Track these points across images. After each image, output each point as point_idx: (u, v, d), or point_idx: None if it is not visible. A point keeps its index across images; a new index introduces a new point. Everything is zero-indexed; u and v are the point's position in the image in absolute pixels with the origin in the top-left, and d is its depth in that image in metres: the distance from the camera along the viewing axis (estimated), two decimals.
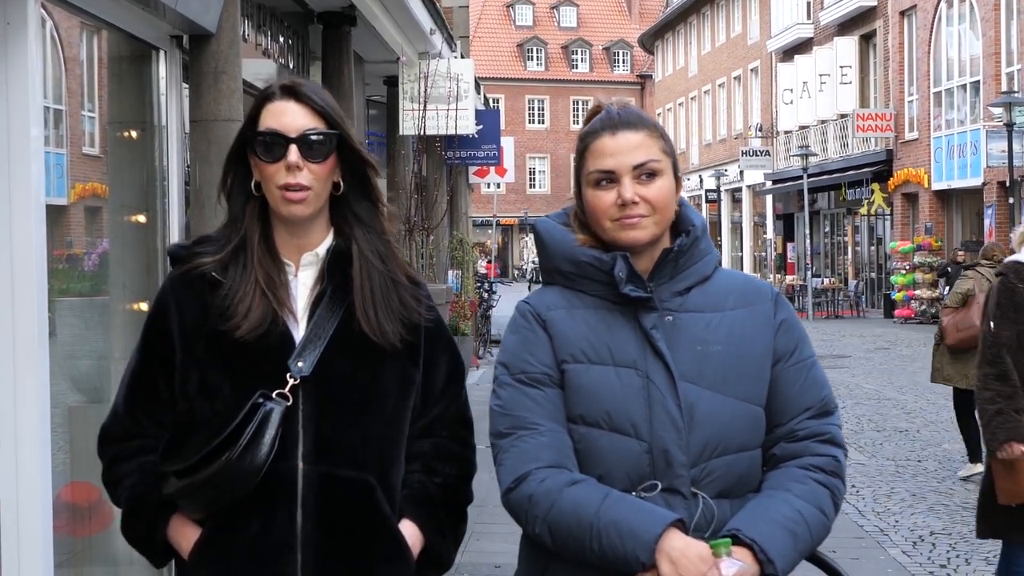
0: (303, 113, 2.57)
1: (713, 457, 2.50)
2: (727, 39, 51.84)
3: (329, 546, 2.55)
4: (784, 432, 2.58)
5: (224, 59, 5.66)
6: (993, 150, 27.47)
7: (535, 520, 2.46)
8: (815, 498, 2.51)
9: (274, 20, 8.46)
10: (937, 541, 8.45)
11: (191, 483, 2.49)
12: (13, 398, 4.04)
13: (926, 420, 14.31)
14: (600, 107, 2.65)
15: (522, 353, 2.57)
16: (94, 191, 5.81)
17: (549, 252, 2.64)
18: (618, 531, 2.36)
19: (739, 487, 2.53)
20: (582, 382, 2.52)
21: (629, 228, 2.53)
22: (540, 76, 76.96)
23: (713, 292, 2.61)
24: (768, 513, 2.46)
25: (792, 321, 2.66)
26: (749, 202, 49.94)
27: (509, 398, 2.55)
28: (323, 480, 2.54)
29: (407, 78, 13.43)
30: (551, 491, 2.44)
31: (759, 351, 2.58)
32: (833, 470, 2.56)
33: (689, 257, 2.60)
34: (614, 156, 2.54)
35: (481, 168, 23.13)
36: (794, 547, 2.44)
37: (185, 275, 2.62)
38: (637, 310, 2.55)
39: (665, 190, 2.56)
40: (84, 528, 5.28)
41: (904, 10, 34.60)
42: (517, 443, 2.50)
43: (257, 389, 2.51)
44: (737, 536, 2.39)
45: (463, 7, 22.14)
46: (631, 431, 2.48)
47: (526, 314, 2.62)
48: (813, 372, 2.63)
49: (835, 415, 2.64)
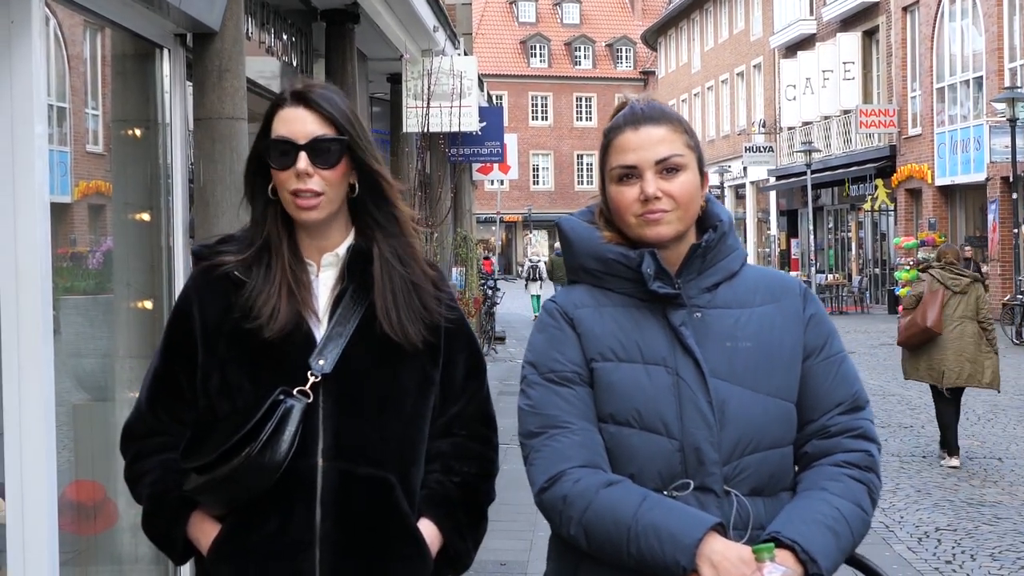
0: (313, 119, 2.57)
1: (745, 454, 2.47)
2: (730, 35, 51.83)
3: (347, 543, 2.55)
4: (816, 428, 2.55)
5: (228, 57, 5.66)
6: (996, 145, 27.50)
7: (570, 521, 2.42)
8: (852, 495, 2.48)
9: (277, 18, 8.45)
10: (942, 537, 8.45)
11: (211, 479, 2.49)
12: (18, 396, 4.04)
13: (930, 416, 14.25)
14: (625, 103, 2.62)
15: (551, 352, 2.54)
16: (98, 189, 5.81)
17: (575, 250, 2.61)
18: (657, 535, 2.33)
19: (771, 484, 2.51)
20: (612, 380, 2.49)
21: (653, 224, 2.50)
22: (543, 73, 76.93)
23: (741, 288, 2.59)
24: (806, 513, 2.43)
25: (821, 316, 2.64)
26: (753, 198, 49.94)
27: (539, 397, 2.52)
28: (342, 477, 2.55)
29: (410, 75, 13.41)
30: (586, 492, 2.40)
31: (789, 347, 2.56)
32: (868, 465, 2.53)
33: (716, 253, 2.57)
34: (636, 151, 2.52)
35: (485, 165, 23.12)
36: (836, 545, 2.40)
37: (208, 274, 2.64)
38: (665, 307, 2.52)
39: (689, 185, 2.53)
40: (89, 527, 5.27)
41: (907, 6, 34.58)
42: (549, 442, 2.47)
43: (278, 386, 2.52)
44: (778, 539, 2.35)
45: (466, 4, 22.13)
46: (662, 429, 2.46)
47: (553, 312, 2.59)
48: (844, 367, 2.61)
49: (867, 409, 2.60)
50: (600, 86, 76.54)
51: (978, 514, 9.13)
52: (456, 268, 19.11)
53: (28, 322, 4.04)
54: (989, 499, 9.66)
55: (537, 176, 76.60)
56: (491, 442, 2.81)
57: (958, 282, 11.03)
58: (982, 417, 14.13)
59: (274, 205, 2.63)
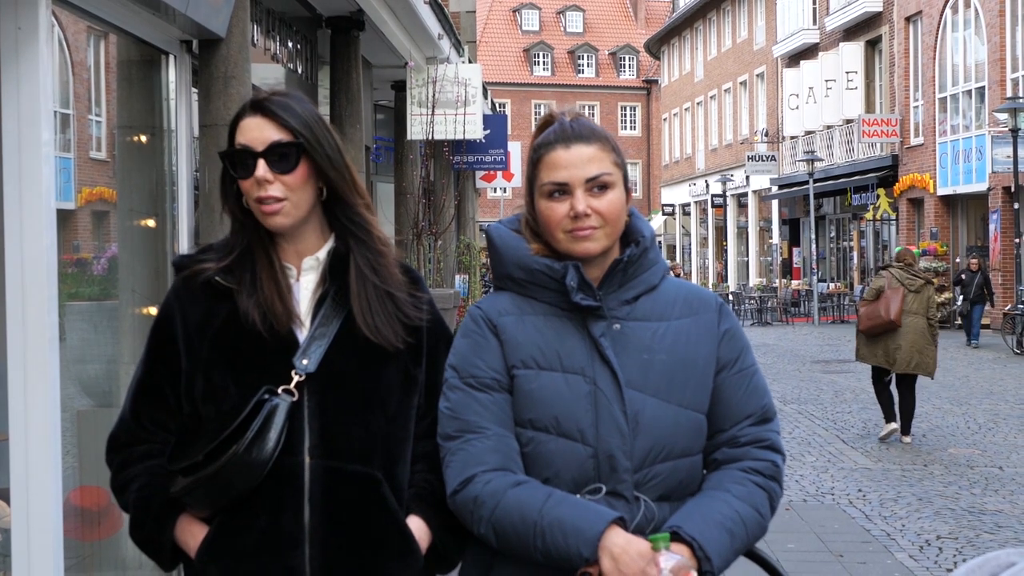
0: (269, 126, 2.60)
1: (656, 462, 2.57)
2: (733, 44, 51.87)
3: (336, 540, 2.57)
4: (726, 438, 2.66)
5: (234, 64, 5.68)
6: (998, 155, 27.53)
7: (480, 520, 2.52)
8: (753, 499, 2.59)
9: (283, 25, 8.48)
10: (944, 545, 8.45)
11: (198, 479, 2.51)
12: (24, 402, 4.05)
13: (931, 425, 14.30)
14: (552, 117, 2.69)
15: (472, 358, 2.62)
16: (101, 195, 5.82)
17: (502, 258, 2.69)
18: (562, 529, 2.43)
19: (680, 491, 2.61)
20: (532, 388, 2.57)
21: (582, 240, 2.58)
22: (546, 81, 76.94)
23: (660, 301, 2.67)
24: (707, 512, 2.53)
25: (735, 330, 2.73)
26: (755, 207, 49.94)
27: (458, 401, 2.60)
28: (330, 474, 2.57)
29: (415, 83, 13.43)
30: (496, 492, 2.50)
31: (703, 359, 2.65)
32: (772, 474, 2.64)
33: (638, 267, 2.65)
34: (567, 169, 2.58)
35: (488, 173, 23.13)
36: (731, 545, 2.52)
37: (189, 282, 2.66)
38: (586, 318, 2.60)
39: (617, 202, 2.60)
40: (93, 532, 5.29)
41: (910, 16, 34.61)
42: (464, 446, 2.56)
43: (262, 387, 2.54)
44: (678, 534, 2.46)
45: (470, 12, 22.16)
46: (578, 436, 2.55)
47: (477, 319, 2.66)
48: (755, 380, 2.71)
49: (775, 422, 2.72)
50: (603, 94, 76.61)
51: (979, 523, 9.12)
52: (459, 275, 19.11)
53: (34, 328, 4.06)
54: (990, 508, 9.65)
55: None
56: None
57: (913, 282, 12.62)
58: (983, 426, 14.12)
59: (249, 214, 2.65)
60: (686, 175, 59.53)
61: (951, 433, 13.66)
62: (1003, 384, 18.52)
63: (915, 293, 12.58)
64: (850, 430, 13.95)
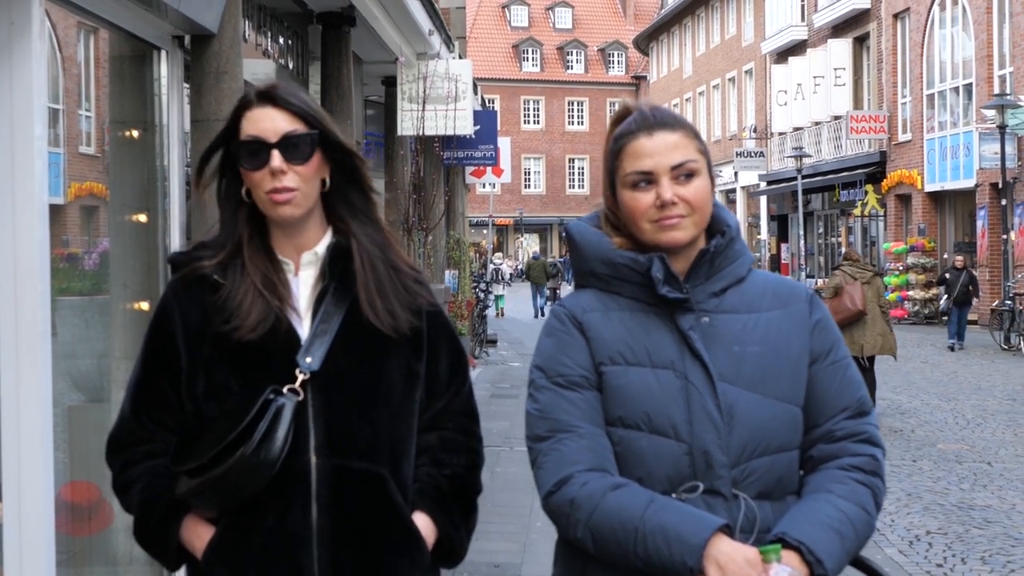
0: (282, 117, 2.59)
1: (753, 458, 2.49)
2: (721, 41, 51.90)
3: (344, 539, 2.56)
4: (821, 433, 2.57)
5: (226, 59, 5.67)
6: (986, 152, 27.59)
7: (577, 524, 2.43)
8: (857, 497, 2.50)
9: (274, 20, 8.47)
10: (933, 540, 8.48)
11: (205, 480, 2.49)
12: (16, 397, 4.04)
13: (920, 420, 14.34)
14: (629, 108, 2.62)
15: (559, 356, 2.55)
16: (91, 191, 5.80)
17: (584, 254, 2.62)
18: (664, 536, 2.34)
19: (779, 488, 2.52)
20: (620, 384, 2.50)
21: (669, 229, 2.51)
22: (535, 77, 76.94)
23: (748, 293, 2.60)
24: (812, 515, 2.45)
25: (827, 321, 2.65)
26: (743, 203, 50.01)
27: (547, 401, 2.52)
28: (336, 473, 2.56)
29: (405, 79, 13.42)
30: (594, 495, 2.41)
31: (796, 351, 2.57)
32: (872, 469, 2.55)
33: (725, 258, 2.59)
34: (652, 157, 2.52)
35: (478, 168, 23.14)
36: (841, 546, 2.42)
37: (185, 279, 2.65)
38: (673, 311, 2.54)
39: (703, 190, 2.54)
40: (84, 527, 5.28)
41: (897, 13, 34.67)
42: (557, 446, 2.48)
43: (266, 386, 2.52)
44: (784, 539, 2.37)
45: (460, 8, 22.14)
46: (671, 433, 2.47)
47: (561, 317, 2.59)
48: (849, 372, 2.63)
49: (872, 415, 2.63)
50: (592, 90, 76.63)
51: (968, 518, 9.16)
52: (449, 271, 19.11)
53: (27, 323, 4.05)
54: (979, 503, 9.69)
55: (528, 180, 76.61)
56: (476, 435, 2.83)
57: (864, 275, 14.11)
58: (971, 422, 14.17)
59: (245, 207, 2.64)
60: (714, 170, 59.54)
61: (940, 428, 13.70)
62: (991, 380, 18.58)
63: (867, 284, 13.98)
64: None
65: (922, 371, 19.88)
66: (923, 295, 31.51)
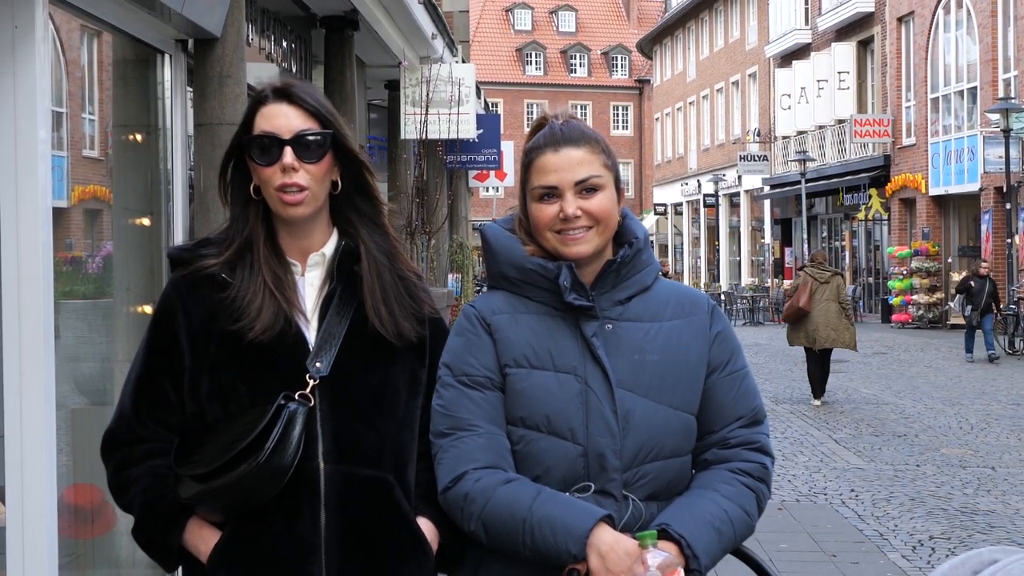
0: (296, 114, 2.58)
1: (646, 462, 2.59)
2: (725, 44, 51.89)
3: (352, 545, 2.55)
4: (716, 439, 2.68)
5: (229, 63, 5.67)
6: (990, 156, 27.57)
7: (470, 517, 2.54)
8: (741, 500, 2.62)
9: (277, 24, 8.48)
10: (936, 545, 8.47)
11: (214, 487, 2.47)
12: (19, 400, 4.04)
13: (924, 425, 14.33)
14: (545, 120, 2.71)
15: (465, 356, 2.64)
16: (94, 194, 5.81)
17: (497, 257, 2.72)
18: (551, 526, 2.45)
19: (668, 490, 2.63)
20: (524, 386, 2.59)
21: (571, 243, 2.61)
22: (539, 80, 76.92)
23: (653, 302, 2.70)
24: (696, 511, 2.55)
25: (727, 333, 2.75)
26: (747, 207, 49.98)
27: (451, 399, 2.62)
28: (344, 479, 2.55)
29: (409, 82, 13.42)
30: (486, 489, 2.52)
31: (694, 361, 2.67)
32: (760, 476, 2.67)
33: (631, 268, 2.68)
34: (556, 172, 2.61)
35: (481, 172, 23.15)
36: (719, 544, 2.54)
37: (190, 277, 2.61)
38: (579, 318, 2.63)
39: (607, 203, 2.62)
40: (87, 530, 5.28)
41: (902, 16, 34.66)
42: (456, 443, 2.58)
43: (273, 390, 2.50)
44: (666, 531, 2.48)
45: (463, 12, 22.15)
46: (568, 435, 2.57)
47: (471, 317, 2.68)
48: (746, 382, 2.73)
49: (765, 424, 2.74)
50: (595, 94, 76.61)
51: (972, 523, 9.15)
52: (452, 275, 19.11)
53: (30, 326, 4.05)
54: (983, 508, 9.68)
55: None
56: None
57: (823, 275, 15.97)
58: (975, 426, 14.16)
59: (255, 204, 2.62)
60: (678, 175, 59.56)
61: (943, 433, 13.69)
62: (995, 384, 18.56)
63: (824, 284, 15.82)
64: (843, 430, 13.96)
65: (926, 376, 19.87)
66: (927, 299, 31.48)
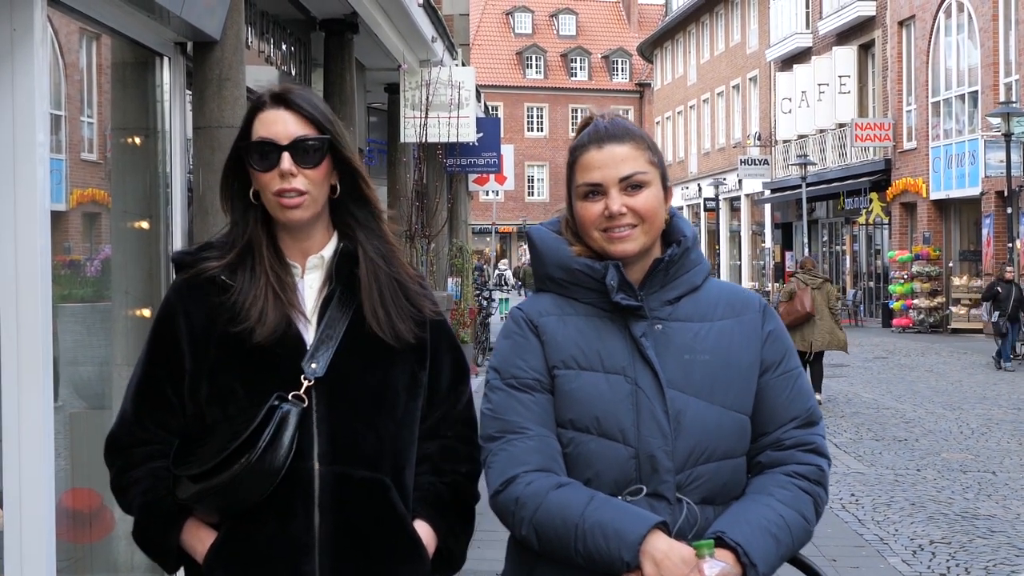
0: (294, 120, 2.59)
1: (699, 464, 2.54)
2: (726, 48, 51.90)
3: (346, 546, 2.55)
4: (770, 441, 2.63)
5: (228, 66, 5.67)
6: (991, 160, 27.54)
7: (522, 522, 2.50)
8: (798, 504, 2.56)
9: (277, 27, 8.47)
10: (937, 550, 8.45)
11: (209, 487, 2.48)
12: (17, 404, 4.03)
13: (925, 429, 14.31)
14: (591, 119, 2.69)
15: (514, 359, 2.61)
16: (93, 197, 5.80)
17: (543, 259, 2.68)
18: (603, 532, 2.40)
19: (723, 494, 2.58)
20: (572, 388, 2.56)
21: (617, 240, 2.58)
22: (539, 84, 76.99)
23: (702, 302, 2.65)
24: (752, 517, 2.50)
25: (779, 332, 2.71)
26: (747, 211, 49.98)
27: (500, 402, 2.59)
28: (340, 481, 2.55)
29: (408, 85, 13.43)
30: (538, 493, 2.48)
31: (746, 361, 2.62)
32: (817, 479, 2.61)
33: (679, 267, 2.64)
34: (601, 169, 2.59)
35: (481, 176, 23.15)
36: (776, 551, 2.49)
37: (192, 280, 2.63)
38: (627, 318, 2.59)
39: (652, 200, 2.59)
40: (85, 535, 5.27)
41: (903, 20, 34.66)
42: (506, 447, 2.54)
43: (271, 392, 2.51)
44: (722, 538, 2.43)
45: (463, 15, 22.16)
46: (619, 436, 2.53)
47: (519, 320, 2.65)
48: (799, 383, 2.68)
49: (820, 425, 2.68)
50: (596, 98, 76.61)
51: (972, 527, 9.13)
52: (452, 278, 19.11)
53: (28, 330, 4.04)
54: (983, 512, 9.66)
55: (532, 187, 76.63)
56: (476, 443, 2.82)
57: (815, 281, 16.37)
58: (976, 431, 14.14)
59: (255, 209, 2.63)
60: (679, 178, 59.56)
61: (944, 438, 13.67)
62: (996, 389, 18.54)
63: (817, 290, 16.19)
64: (843, 434, 13.95)
65: (927, 380, 19.85)
66: (928, 304, 31.47)
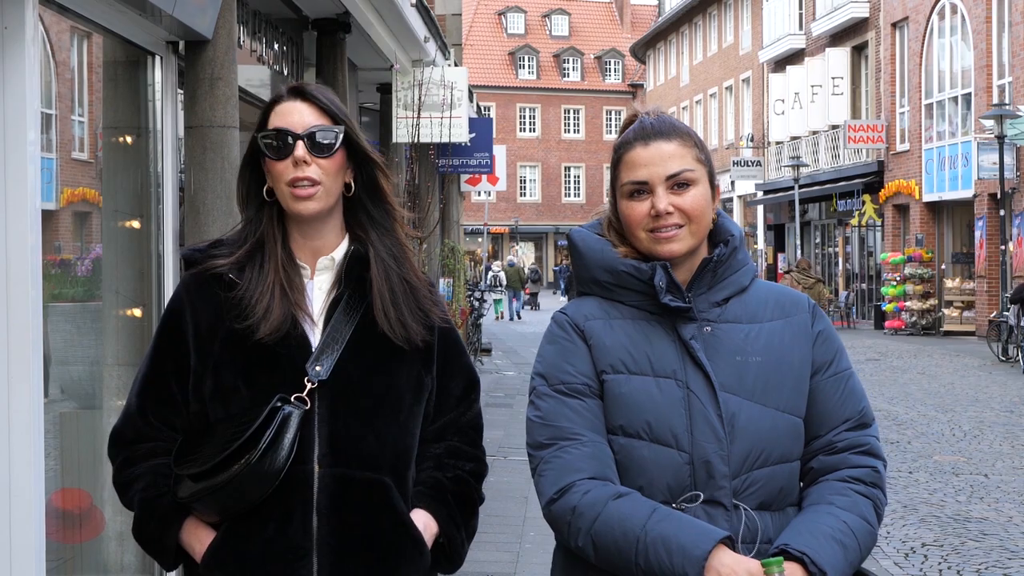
0: (310, 111, 2.61)
1: (755, 468, 2.48)
2: (719, 49, 51.94)
3: (345, 549, 2.55)
4: (822, 444, 2.57)
5: (220, 65, 5.66)
6: (984, 162, 27.58)
7: (578, 533, 2.42)
8: (858, 508, 2.49)
9: (269, 26, 8.45)
10: (929, 552, 8.46)
11: (208, 486, 2.49)
12: (7, 404, 4.02)
13: (917, 432, 14.32)
14: (635, 116, 2.61)
15: (561, 363, 2.54)
16: (84, 196, 5.78)
17: (586, 262, 2.61)
18: (666, 547, 2.33)
19: (780, 499, 2.52)
20: (622, 392, 2.49)
21: (664, 241, 2.51)
22: (531, 84, 76.98)
23: (751, 303, 2.60)
24: (814, 526, 2.43)
25: (830, 332, 2.64)
26: (740, 212, 50.03)
27: (549, 409, 2.51)
28: (339, 483, 2.55)
29: (401, 85, 13.41)
30: (596, 503, 2.41)
31: (798, 362, 2.56)
32: (873, 481, 2.55)
33: (727, 267, 2.58)
34: (647, 167, 2.52)
35: (473, 176, 23.14)
36: (844, 557, 2.41)
37: (200, 277, 2.63)
38: (676, 320, 2.53)
39: (700, 199, 2.53)
40: (75, 535, 5.25)
41: (896, 22, 34.70)
42: (559, 454, 2.47)
43: (274, 392, 2.51)
44: (787, 551, 2.36)
45: (456, 15, 22.14)
46: (672, 442, 2.46)
47: (564, 324, 2.58)
48: (851, 383, 2.61)
49: (874, 426, 2.63)
50: (588, 98, 76.71)
51: (964, 530, 9.13)
52: (444, 279, 19.09)
53: (18, 329, 4.03)
54: (975, 515, 9.67)
55: (524, 188, 76.61)
56: (482, 447, 2.84)
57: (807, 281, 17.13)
58: (968, 433, 14.15)
59: (269, 206, 2.64)
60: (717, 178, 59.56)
61: (936, 440, 13.68)
62: (988, 391, 18.55)
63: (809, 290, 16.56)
64: None
65: (919, 382, 19.86)
66: (921, 306, 31.51)
